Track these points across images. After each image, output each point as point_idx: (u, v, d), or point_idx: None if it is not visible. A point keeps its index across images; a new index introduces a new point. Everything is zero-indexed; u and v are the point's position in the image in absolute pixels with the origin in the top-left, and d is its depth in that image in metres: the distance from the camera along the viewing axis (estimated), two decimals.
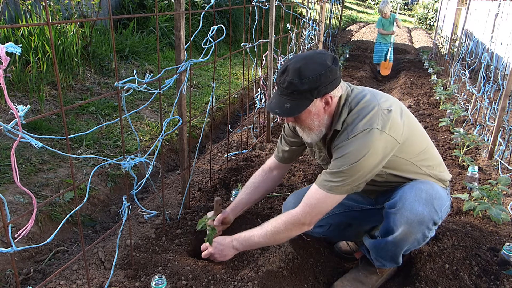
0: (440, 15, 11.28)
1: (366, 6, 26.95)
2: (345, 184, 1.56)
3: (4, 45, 0.95)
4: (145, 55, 5.76)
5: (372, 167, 1.56)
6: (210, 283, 1.70)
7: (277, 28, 3.62)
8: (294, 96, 1.52)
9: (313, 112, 1.58)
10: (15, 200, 2.34)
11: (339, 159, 1.56)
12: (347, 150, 1.54)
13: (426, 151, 1.74)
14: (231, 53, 2.63)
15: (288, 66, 1.53)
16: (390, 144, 1.56)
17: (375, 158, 1.54)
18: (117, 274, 1.74)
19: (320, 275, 2.00)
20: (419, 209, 1.61)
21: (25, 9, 4.32)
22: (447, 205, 1.75)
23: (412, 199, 1.63)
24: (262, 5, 3.04)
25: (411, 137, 1.66)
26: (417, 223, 1.62)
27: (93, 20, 4.69)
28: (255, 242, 1.76)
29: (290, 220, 1.66)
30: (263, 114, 3.92)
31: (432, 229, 1.68)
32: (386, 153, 1.57)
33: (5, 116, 3.21)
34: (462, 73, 5.37)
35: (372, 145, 1.51)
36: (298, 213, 1.65)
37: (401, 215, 1.64)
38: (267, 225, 1.73)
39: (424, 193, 1.63)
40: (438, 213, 1.65)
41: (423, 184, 1.67)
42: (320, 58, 1.53)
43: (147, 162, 1.75)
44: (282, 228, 1.68)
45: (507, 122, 3.49)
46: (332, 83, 1.54)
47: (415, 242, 1.69)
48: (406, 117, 1.65)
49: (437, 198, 1.65)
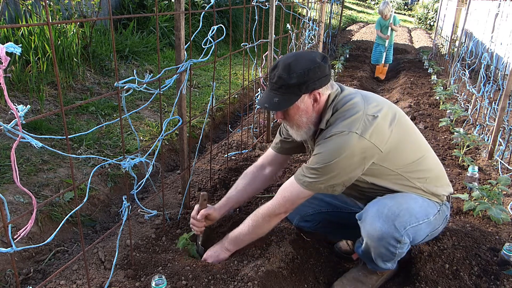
0: (440, 15, 11.29)
1: (366, 6, 26.95)
2: (318, 182, 1.57)
3: (4, 45, 0.95)
4: (145, 55, 5.76)
5: (348, 171, 1.54)
6: (210, 283, 1.70)
7: (277, 28, 3.62)
8: (283, 90, 1.55)
9: (301, 108, 1.60)
10: (15, 200, 2.34)
11: (315, 156, 1.57)
12: (323, 149, 1.55)
13: (420, 163, 1.68)
14: (231, 53, 2.63)
15: (278, 63, 1.58)
16: (370, 150, 1.53)
17: (350, 162, 1.52)
18: (117, 274, 1.74)
19: (320, 275, 2.00)
20: (378, 226, 1.59)
21: (25, 9, 4.32)
22: (426, 222, 1.67)
23: (373, 214, 1.62)
24: (262, 5, 3.04)
25: (401, 146, 1.62)
26: (376, 238, 1.61)
27: (93, 20, 4.69)
28: (242, 239, 1.83)
29: (267, 213, 1.73)
30: (263, 114, 3.92)
31: (397, 246, 1.62)
32: (364, 160, 1.54)
33: (5, 116, 3.21)
34: (462, 73, 5.37)
35: (347, 148, 1.50)
36: (274, 205, 1.71)
37: (364, 228, 1.65)
38: (248, 221, 1.79)
39: (386, 209, 1.60)
40: (400, 231, 1.59)
41: (390, 200, 1.63)
42: (310, 55, 1.57)
43: (147, 162, 1.75)
44: (261, 221, 1.76)
45: (507, 122, 3.49)
46: (321, 80, 1.56)
47: (383, 255, 1.67)
48: (398, 126, 1.61)
49: (401, 215, 1.59)
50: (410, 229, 1.62)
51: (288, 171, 2.95)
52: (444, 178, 1.80)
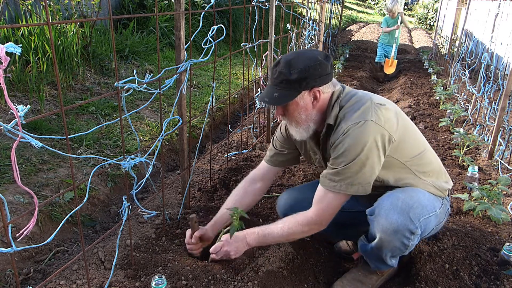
0: (440, 15, 11.28)
1: (366, 6, 26.95)
2: (352, 183, 1.55)
3: (4, 45, 0.95)
4: (145, 55, 5.76)
5: (375, 161, 1.53)
6: (210, 283, 1.70)
7: (277, 28, 3.62)
8: (283, 85, 1.56)
9: (300, 105, 1.60)
10: (15, 200, 2.34)
11: (339, 156, 1.55)
12: (344, 146, 1.53)
13: (422, 157, 1.70)
14: (231, 53, 2.63)
15: (280, 59, 1.59)
16: (387, 137, 1.54)
17: (375, 151, 1.52)
18: (117, 274, 1.74)
19: (320, 275, 2.00)
20: (394, 218, 1.59)
21: (25, 9, 4.32)
22: (434, 214, 1.69)
23: (387, 207, 1.61)
24: (262, 5, 3.04)
25: (406, 138, 1.64)
26: (391, 231, 1.60)
27: (93, 20, 4.69)
28: (270, 240, 1.77)
29: (305, 222, 1.68)
30: (263, 114, 3.92)
31: (411, 238, 1.62)
32: (385, 146, 1.55)
33: (5, 116, 3.21)
34: (462, 73, 5.37)
35: (369, 137, 1.50)
36: (312, 215, 1.67)
37: (378, 222, 1.64)
38: (283, 225, 1.73)
39: (400, 202, 1.60)
40: (415, 223, 1.60)
41: (402, 193, 1.64)
42: (312, 53, 1.58)
43: (147, 162, 1.75)
44: (298, 228, 1.70)
45: (507, 122, 3.49)
46: (322, 78, 1.57)
47: (396, 249, 1.66)
48: (401, 118, 1.64)
49: (414, 207, 1.60)
50: (423, 221, 1.64)
51: (288, 171, 2.95)
52: (444, 173, 1.83)
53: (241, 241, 1.78)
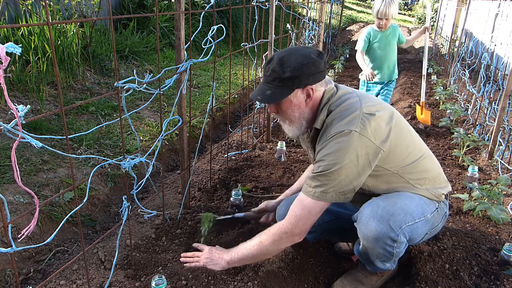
0: (440, 15, 11.28)
1: (366, 6, 26.94)
2: (327, 190, 1.51)
3: (4, 45, 0.95)
4: (145, 55, 5.76)
5: (353, 172, 1.50)
6: (210, 283, 1.70)
7: (277, 28, 3.62)
8: (276, 83, 1.55)
9: (294, 103, 1.59)
10: (15, 200, 2.34)
11: (319, 162, 1.53)
12: (326, 152, 1.51)
13: (417, 164, 1.66)
14: (231, 53, 2.63)
15: (273, 57, 1.58)
16: (372, 150, 1.51)
17: (354, 162, 1.49)
18: (117, 274, 1.74)
19: (320, 275, 2.00)
20: (373, 226, 1.57)
21: (25, 9, 4.32)
22: (423, 220, 1.65)
23: (367, 215, 1.60)
24: (262, 5, 3.03)
25: (399, 147, 1.60)
26: (372, 239, 1.59)
27: (93, 20, 4.69)
28: (246, 256, 1.68)
29: (278, 232, 1.60)
30: (263, 114, 3.92)
31: (394, 245, 1.60)
32: (369, 158, 1.52)
33: (5, 116, 3.21)
34: (462, 73, 5.37)
35: (350, 148, 1.47)
36: (285, 224, 1.59)
37: (359, 230, 1.63)
38: (256, 239, 1.66)
39: (380, 209, 1.58)
40: (395, 231, 1.56)
41: (385, 200, 1.61)
42: (305, 51, 1.57)
43: (147, 162, 1.75)
44: (270, 241, 1.61)
45: (507, 122, 3.49)
46: (315, 76, 1.55)
47: (381, 256, 1.65)
48: (395, 126, 1.59)
49: (396, 214, 1.57)
50: (406, 228, 1.60)
51: (288, 170, 2.95)
52: (442, 178, 1.79)
53: (220, 257, 1.73)
